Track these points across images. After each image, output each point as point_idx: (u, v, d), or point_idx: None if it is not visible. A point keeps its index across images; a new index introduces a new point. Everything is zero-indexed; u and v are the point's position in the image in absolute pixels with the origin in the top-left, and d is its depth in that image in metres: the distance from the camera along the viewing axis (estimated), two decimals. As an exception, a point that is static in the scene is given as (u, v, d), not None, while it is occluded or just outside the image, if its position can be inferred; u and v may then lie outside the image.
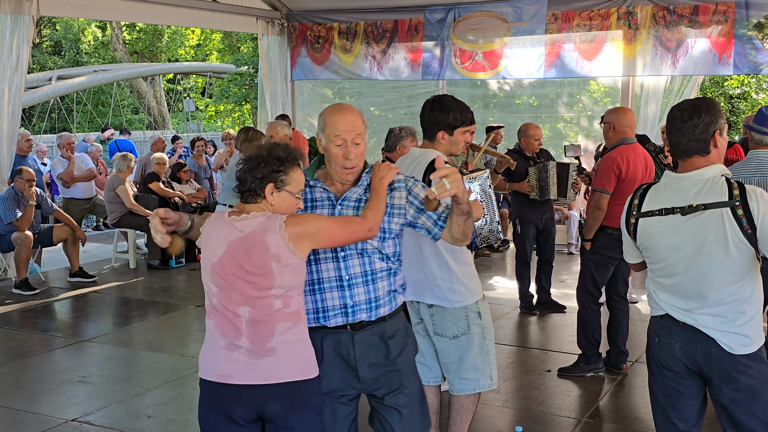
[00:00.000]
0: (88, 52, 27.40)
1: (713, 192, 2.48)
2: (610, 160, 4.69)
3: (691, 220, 2.49)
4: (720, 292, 2.50)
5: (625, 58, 8.45)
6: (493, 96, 11.16)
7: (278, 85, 10.47)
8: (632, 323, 6.05)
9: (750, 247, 2.45)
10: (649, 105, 8.65)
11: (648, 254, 2.65)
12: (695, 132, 2.51)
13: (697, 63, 8.10)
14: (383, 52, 9.83)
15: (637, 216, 2.62)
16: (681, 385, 2.62)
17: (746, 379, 2.50)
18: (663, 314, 2.62)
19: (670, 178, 2.60)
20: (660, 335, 2.64)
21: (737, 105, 14.75)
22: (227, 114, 25.24)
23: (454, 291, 3.31)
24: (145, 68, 20.25)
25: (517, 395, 4.59)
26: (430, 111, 3.36)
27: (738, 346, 2.50)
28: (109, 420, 4.33)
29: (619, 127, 4.70)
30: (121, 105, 23.27)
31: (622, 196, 4.61)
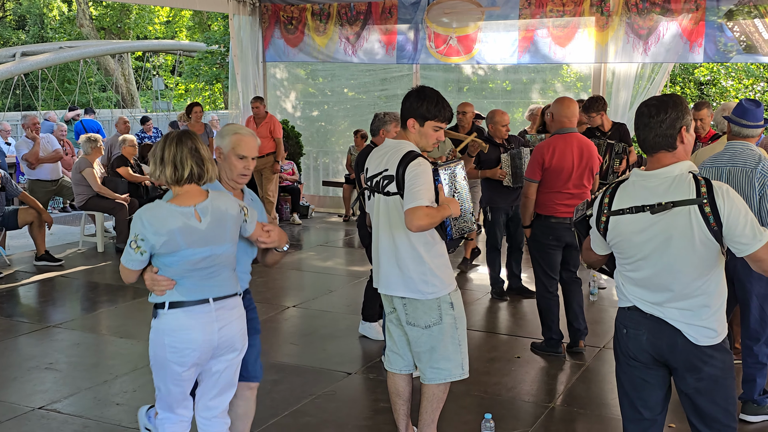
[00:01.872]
0: (54, 27, 26.80)
1: (681, 189, 2.53)
2: (538, 150, 4.91)
3: (659, 217, 2.55)
4: (686, 286, 2.57)
5: (598, 45, 8.52)
6: (466, 80, 11.17)
7: (250, 67, 10.35)
8: (602, 308, 6.19)
9: (716, 244, 2.51)
10: (621, 92, 8.73)
11: (618, 250, 2.70)
12: (662, 128, 2.56)
13: (668, 50, 8.19)
14: (357, 35, 9.77)
15: (608, 214, 2.66)
16: (647, 374, 2.69)
17: (710, 369, 2.58)
18: (631, 306, 2.69)
19: (639, 176, 2.65)
20: (627, 326, 2.70)
21: (707, 91, 14.95)
22: (198, 93, 24.92)
23: (427, 283, 3.34)
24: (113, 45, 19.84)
25: (487, 381, 4.65)
26: (407, 98, 3.37)
27: (703, 338, 2.58)
28: (77, 408, 4.30)
29: (557, 117, 4.88)
30: (87, 82, 22.82)
31: (551, 184, 4.85)
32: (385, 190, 3.34)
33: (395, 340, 3.56)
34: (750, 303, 4.00)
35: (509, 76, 10.66)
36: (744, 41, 7.83)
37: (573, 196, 4.87)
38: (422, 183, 3.19)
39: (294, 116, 11.68)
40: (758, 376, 4.02)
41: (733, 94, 14.09)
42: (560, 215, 4.89)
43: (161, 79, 24.27)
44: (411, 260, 3.33)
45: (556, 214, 4.90)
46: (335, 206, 11.21)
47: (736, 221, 2.46)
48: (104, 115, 18.77)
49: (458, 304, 3.46)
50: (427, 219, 3.15)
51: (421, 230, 3.18)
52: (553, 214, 4.90)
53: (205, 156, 2.85)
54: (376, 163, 3.43)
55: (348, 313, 6.09)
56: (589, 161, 4.91)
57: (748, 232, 2.46)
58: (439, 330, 3.38)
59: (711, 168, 3.98)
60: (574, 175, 4.86)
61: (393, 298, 3.46)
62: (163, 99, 24.27)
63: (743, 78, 14.20)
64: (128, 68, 24.57)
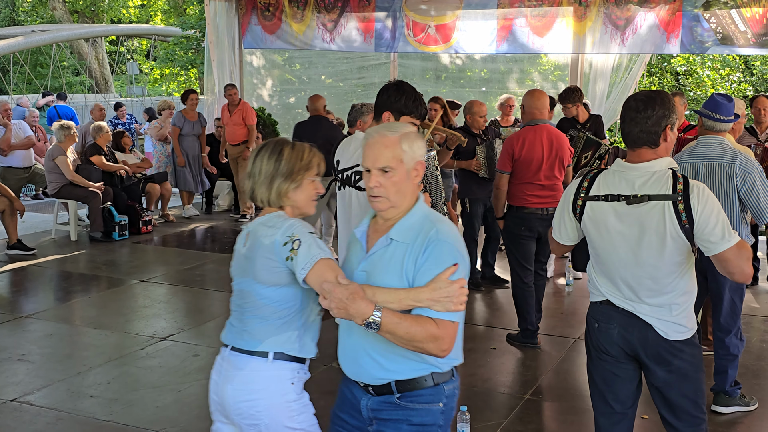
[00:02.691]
0: (26, 10, 26.30)
1: (658, 184, 2.56)
2: (508, 141, 5.03)
3: (634, 209, 2.58)
4: (657, 282, 2.61)
5: (576, 35, 8.56)
6: (444, 69, 11.18)
7: (226, 53, 10.26)
8: (577, 299, 6.26)
9: (686, 241, 2.54)
10: (598, 82, 8.80)
11: (591, 239, 2.73)
12: (647, 124, 2.58)
13: (645, 41, 8.24)
14: (335, 22, 9.72)
15: (584, 198, 2.69)
16: (618, 368, 2.74)
17: (680, 363, 2.64)
18: (603, 300, 2.72)
19: (620, 166, 2.67)
20: (599, 320, 2.74)
21: (683, 81, 15.08)
22: (173, 78, 24.64)
23: None
24: (86, 30, 19.54)
25: (462, 373, 4.57)
26: (384, 91, 3.34)
27: (673, 333, 2.63)
28: (50, 400, 4.27)
29: (528, 109, 4.98)
30: (60, 66, 22.48)
31: (521, 175, 4.94)
32: (357, 184, 3.33)
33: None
34: (723, 296, 4.05)
35: (487, 65, 10.69)
36: (720, 32, 7.90)
37: (544, 187, 4.94)
38: None
39: (270, 104, 11.60)
40: (730, 367, 4.08)
41: (709, 84, 14.22)
42: (532, 206, 4.96)
43: (136, 64, 23.95)
44: None
45: (528, 205, 4.97)
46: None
47: (707, 220, 2.49)
48: (77, 100, 18.51)
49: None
50: None
51: None
52: (524, 205, 4.98)
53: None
54: (347, 156, 3.42)
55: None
56: (558, 152, 4.97)
57: (717, 231, 2.49)
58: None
59: (686, 163, 4.01)
60: (544, 166, 4.93)
61: (366, 291, 3.44)
62: (137, 84, 23.99)
63: (719, 68, 14.34)
64: (102, 52, 24.22)
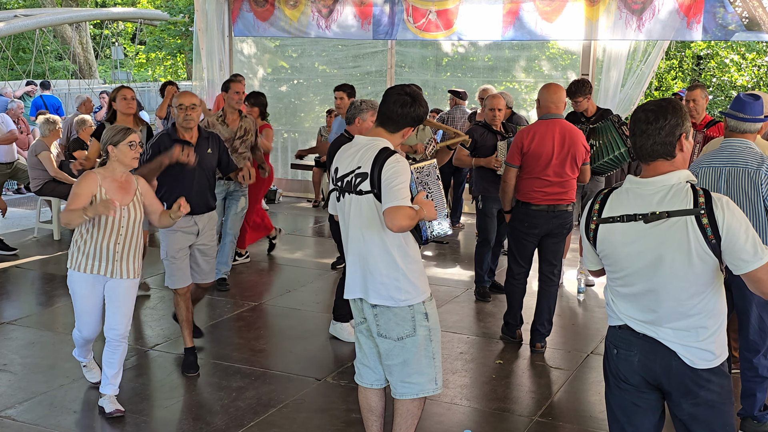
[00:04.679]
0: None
1: (678, 199, 2.48)
2: (518, 135, 5.11)
3: (653, 228, 2.49)
4: (682, 304, 2.51)
5: (588, 21, 8.43)
6: (444, 55, 11.08)
7: (215, 41, 10.16)
8: (589, 309, 6.20)
9: (714, 258, 2.46)
10: (611, 71, 8.66)
11: (607, 262, 2.65)
12: (660, 135, 2.51)
13: (664, 27, 8.09)
14: (330, 8, 9.61)
15: (598, 222, 2.61)
16: (639, 398, 2.64)
17: (707, 394, 2.53)
18: (621, 325, 2.64)
19: (633, 182, 2.59)
20: (618, 347, 2.65)
21: (705, 65, 14.91)
22: (159, 62, 24.52)
23: (401, 289, 3.28)
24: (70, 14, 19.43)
25: (467, 391, 4.62)
26: (403, 105, 3.27)
27: (700, 361, 2.52)
28: (32, 415, 4.23)
29: (543, 102, 5.05)
30: (43, 51, 22.36)
31: (529, 170, 5.01)
32: (358, 188, 3.28)
33: (366, 352, 3.50)
34: (749, 312, 3.92)
35: (491, 52, 10.57)
36: (746, 17, 7.70)
37: (552, 183, 4.96)
38: (401, 181, 3.13)
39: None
40: (758, 390, 3.95)
41: (734, 70, 14.01)
42: (537, 202, 5.00)
43: (121, 48, 23.85)
44: (383, 264, 3.27)
45: (533, 201, 5.01)
46: (304, 191, 11.11)
47: (736, 235, 2.41)
48: (61, 87, 18.42)
49: (433, 314, 3.41)
50: (408, 220, 3.08)
51: (401, 231, 3.13)
52: (529, 200, 5.01)
53: None
54: (347, 161, 3.36)
55: (318, 311, 6.03)
56: (571, 149, 4.95)
57: (749, 248, 2.41)
58: (413, 342, 3.33)
59: (707, 168, 3.90)
60: (554, 162, 4.93)
61: (363, 308, 3.40)
62: (122, 69, 23.88)
63: (745, 52, 14.05)
64: (86, 36, 24.08)
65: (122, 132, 4.03)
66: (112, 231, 4.05)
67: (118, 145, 4.02)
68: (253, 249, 7.75)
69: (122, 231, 4.06)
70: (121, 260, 4.10)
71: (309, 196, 10.86)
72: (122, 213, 4.05)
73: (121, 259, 4.10)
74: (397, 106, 3.28)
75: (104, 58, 26.38)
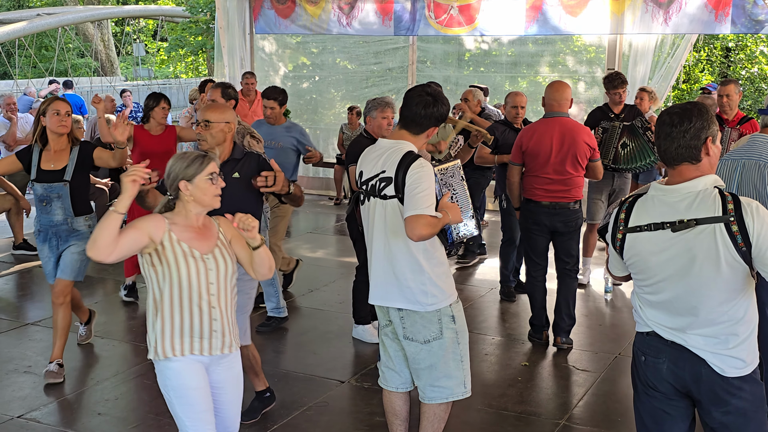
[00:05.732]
0: (31, -8, 26.46)
1: (705, 205, 2.44)
2: (520, 133, 5.28)
3: (681, 236, 2.46)
4: (711, 311, 2.48)
5: (613, 15, 8.35)
6: (467, 50, 11.02)
7: (236, 39, 10.20)
8: (617, 309, 6.14)
9: (744, 265, 2.42)
10: (638, 65, 8.59)
11: (635, 270, 2.62)
12: (685, 138, 2.47)
13: (691, 20, 7.99)
14: (351, 5, 9.60)
15: (624, 231, 2.59)
16: (668, 406, 2.62)
17: (738, 402, 2.50)
18: (649, 331, 2.61)
19: (658, 190, 2.56)
20: (646, 354, 2.62)
21: (734, 57, 14.70)
22: (180, 59, 24.68)
23: (427, 293, 3.27)
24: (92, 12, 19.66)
25: (491, 393, 4.59)
26: (426, 106, 3.25)
27: (730, 369, 2.49)
28: (57, 418, 4.28)
29: (546, 100, 5.16)
30: (65, 49, 22.61)
31: (529, 168, 5.17)
32: (382, 193, 3.27)
33: (391, 355, 3.50)
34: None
35: (514, 47, 10.50)
36: (778, 10, 7.65)
37: (553, 181, 5.06)
38: (425, 188, 3.13)
39: (283, 91, 11.54)
40: None
41: (765, 62, 13.81)
42: (538, 199, 5.14)
43: (142, 45, 24.04)
44: (409, 269, 3.26)
45: (535, 198, 5.13)
46: (325, 188, 11.12)
47: (767, 241, 2.38)
48: (83, 85, 18.62)
49: (460, 316, 3.41)
50: (428, 229, 3.09)
51: (422, 240, 3.13)
52: (531, 197, 5.16)
53: None
54: (371, 165, 3.35)
55: (340, 311, 6.03)
56: (571, 147, 5.03)
57: None
58: (440, 345, 3.33)
59: (726, 160, 3.91)
60: (554, 159, 5.02)
61: (389, 310, 3.40)
62: (144, 65, 24.07)
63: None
64: (108, 33, 24.32)
65: (198, 162, 2.95)
66: (200, 293, 2.93)
67: (194, 180, 2.92)
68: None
69: (212, 290, 2.95)
70: (221, 331, 2.99)
71: (330, 194, 10.87)
72: (207, 265, 2.95)
73: (222, 329, 2.99)
74: (420, 108, 3.27)
75: (126, 55, 26.60)
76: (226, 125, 3.79)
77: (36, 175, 4.74)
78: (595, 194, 6.44)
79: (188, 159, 2.96)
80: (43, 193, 4.74)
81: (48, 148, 4.75)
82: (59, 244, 4.83)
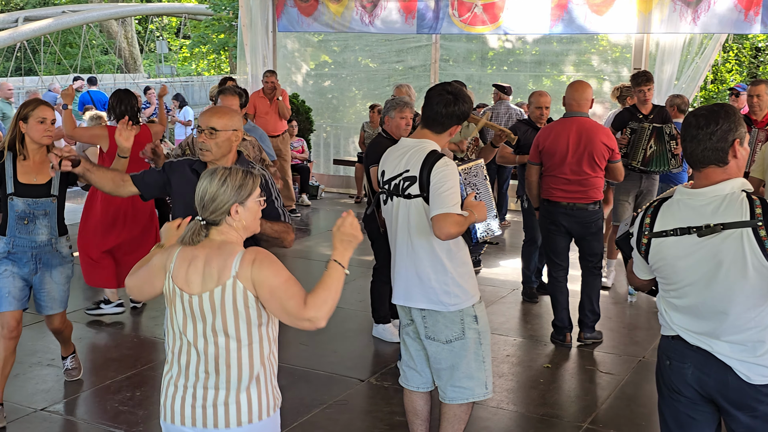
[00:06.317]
0: (56, -11, 26.75)
1: (732, 210, 2.40)
2: (539, 133, 5.32)
3: (707, 240, 2.42)
4: (738, 317, 2.44)
5: (640, 13, 8.26)
6: (490, 49, 10.98)
7: (259, 37, 10.24)
8: (641, 312, 6.08)
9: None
10: (665, 65, 8.49)
11: (661, 275, 2.59)
12: (712, 140, 2.43)
13: (719, 20, 7.88)
14: (374, 3, 9.60)
15: (650, 236, 2.55)
16: (693, 411, 2.58)
17: (766, 408, 2.45)
18: (674, 335, 2.58)
19: (684, 193, 2.52)
20: (671, 358, 2.59)
21: (764, 58, 14.49)
22: (202, 56, 24.84)
23: (450, 293, 3.25)
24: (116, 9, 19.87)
25: (514, 395, 4.57)
26: (446, 105, 3.23)
27: (757, 377, 2.44)
28: (80, 411, 4.32)
29: (567, 100, 5.19)
30: (90, 46, 22.86)
31: (546, 167, 5.20)
32: (406, 192, 3.26)
33: (412, 354, 3.48)
34: None
35: (539, 46, 10.44)
36: (810, 8, 7.53)
37: (570, 182, 5.06)
38: (450, 186, 3.11)
39: (305, 89, 11.58)
40: None
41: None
42: (555, 199, 5.13)
43: (165, 43, 24.23)
44: (432, 269, 3.25)
45: (551, 198, 5.16)
46: (346, 186, 11.12)
47: None
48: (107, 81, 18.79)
49: (482, 316, 3.38)
50: (456, 227, 3.08)
51: (450, 238, 3.12)
52: (548, 197, 5.19)
53: None
54: (393, 164, 3.34)
55: (360, 309, 6.02)
56: (588, 147, 5.01)
57: None
58: (462, 345, 3.31)
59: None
60: (570, 159, 5.03)
61: (411, 309, 3.38)
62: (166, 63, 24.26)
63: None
64: (131, 31, 24.54)
65: (249, 180, 2.51)
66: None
67: (246, 202, 2.50)
68: (295, 247, 7.78)
69: None
70: None
71: (351, 192, 10.87)
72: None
73: None
74: (441, 107, 3.25)
75: (149, 52, 26.83)
76: (233, 133, 3.32)
77: (14, 188, 4.07)
78: (622, 196, 6.36)
79: (237, 178, 2.48)
80: (26, 210, 4.08)
81: (27, 158, 4.11)
82: (38, 267, 4.20)
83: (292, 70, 11.36)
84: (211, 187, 2.46)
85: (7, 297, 4.13)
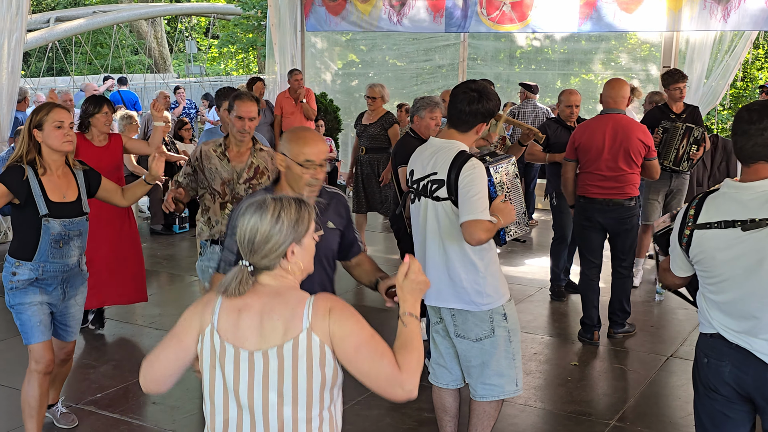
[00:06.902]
0: (87, -10, 27.13)
1: None
2: (575, 130, 5.34)
3: (751, 235, 2.42)
4: None
5: (670, 11, 8.20)
6: (518, 48, 10.96)
7: (287, 36, 10.32)
8: (669, 311, 6.06)
9: None
10: (695, 63, 8.42)
11: (701, 268, 2.58)
12: (763, 136, 2.43)
13: (750, 17, 7.80)
14: (402, 2, 9.63)
15: (693, 227, 2.55)
16: (729, 409, 2.58)
17: None
18: (713, 333, 2.57)
19: (731, 186, 2.52)
20: (709, 356, 2.59)
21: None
22: (231, 56, 25.03)
23: (481, 294, 3.27)
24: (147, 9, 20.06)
25: (542, 393, 4.59)
26: (470, 103, 3.22)
27: None
28: (112, 406, 4.38)
29: (603, 98, 5.23)
30: (120, 46, 23.14)
31: (583, 164, 5.21)
32: (435, 195, 3.27)
33: (441, 352, 3.52)
34: None
35: (567, 44, 10.40)
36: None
37: (606, 178, 5.08)
38: (478, 190, 3.12)
39: (332, 88, 11.63)
40: None
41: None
42: (591, 195, 5.15)
43: (194, 42, 24.44)
44: (463, 269, 3.27)
45: (587, 194, 5.17)
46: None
47: None
48: (137, 81, 19.00)
49: (512, 315, 3.40)
50: (487, 234, 3.09)
51: (480, 244, 3.13)
52: (583, 194, 5.20)
53: None
54: (422, 165, 3.36)
55: (386, 307, 6.07)
56: (624, 143, 5.03)
57: None
58: (491, 343, 3.33)
59: None
60: (606, 156, 5.05)
61: (440, 308, 3.43)
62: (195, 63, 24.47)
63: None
64: (161, 31, 24.79)
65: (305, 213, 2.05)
66: None
67: (303, 240, 2.04)
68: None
69: None
70: None
71: (379, 191, 10.87)
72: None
73: None
74: (465, 105, 3.24)
75: (178, 52, 27.08)
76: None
77: (48, 209, 3.54)
78: (652, 194, 6.33)
79: (292, 211, 2.01)
80: (61, 232, 3.59)
81: (47, 171, 3.58)
82: (65, 292, 3.74)
83: (321, 69, 11.43)
84: (262, 226, 1.98)
85: (39, 326, 3.64)
